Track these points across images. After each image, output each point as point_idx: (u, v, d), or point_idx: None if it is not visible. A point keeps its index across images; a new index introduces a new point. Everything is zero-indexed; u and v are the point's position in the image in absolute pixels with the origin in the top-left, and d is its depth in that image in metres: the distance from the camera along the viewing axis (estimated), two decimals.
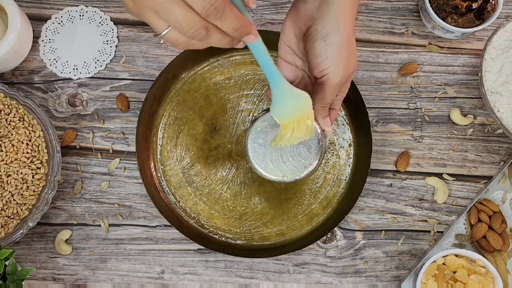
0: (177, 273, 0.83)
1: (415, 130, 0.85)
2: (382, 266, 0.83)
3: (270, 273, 0.83)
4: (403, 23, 0.88)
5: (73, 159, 0.85)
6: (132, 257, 0.83)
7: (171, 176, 0.84)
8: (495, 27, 0.80)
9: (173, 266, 0.83)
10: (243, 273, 0.83)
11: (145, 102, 0.83)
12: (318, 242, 0.83)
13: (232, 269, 0.83)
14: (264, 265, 0.83)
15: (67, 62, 0.86)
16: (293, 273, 0.83)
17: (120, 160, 0.85)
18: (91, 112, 0.86)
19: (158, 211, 0.81)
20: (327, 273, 0.83)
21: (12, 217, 0.80)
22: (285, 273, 0.83)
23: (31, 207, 0.80)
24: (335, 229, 0.84)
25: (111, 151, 0.85)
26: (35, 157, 0.80)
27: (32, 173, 0.80)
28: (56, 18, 0.87)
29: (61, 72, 0.86)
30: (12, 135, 0.80)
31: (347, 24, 0.63)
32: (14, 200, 0.79)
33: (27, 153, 0.80)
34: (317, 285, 0.83)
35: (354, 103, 0.82)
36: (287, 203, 0.83)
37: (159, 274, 0.83)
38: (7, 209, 0.79)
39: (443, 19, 0.82)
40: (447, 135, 0.85)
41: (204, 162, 0.84)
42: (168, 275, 0.83)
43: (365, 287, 0.83)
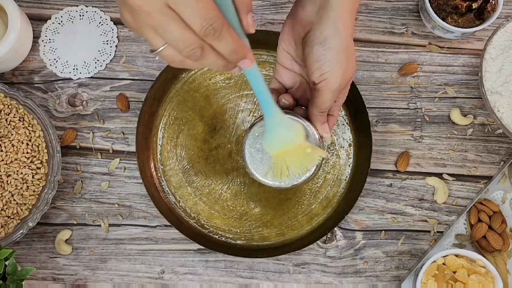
0: (177, 273, 0.83)
1: (415, 130, 0.85)
2: (382, 266, 0.83)
3: (270, 273, 0.83)
4: (403, 23, 0.88)
5: (73, 159, 0.85)
6: (132, 257, 0.83)
7: (171, 176, 0.84)
8: (495, 27, 0.80)
9: (173, 266, 0.83)
10: (243, 273, 0.83)
11: (145, 102, 0.83)
12: (318, 242, 0.83)
13: (232, 269, 0.83)
14: (264, 265, 0.83)
15: (67, 62, 0.86)
16: (293, 273, 0.83)
17: (120, 160, 0.85)
18: (91, 112, 0.86)
19: (158, 211, 0.81)
20: (327, 273, 0.83)
21: (12, 217, 0.80)
22: (285, 273, 0.83)
23: (31, 207, 0.80)
24: (335, 229, 0.84)
25: (111, 151, 0.85)
26: (35, 157, 0.80)
27: (32, 173, 0.80)
28: (56, 18, 0.87)
29: (61, 72, 0.86)
30: (12, 135, 0.80)
31: (346, 28, 0.63)
32: (14, 200, 0.79)
33: (27, 153, 0.80)
34: (317, 285, 0.83)
35: (354, 103, 0.82)
36: (287, 203, 0.83)
37: (159, 274, 0.83)
38: (7, 209, 0.79)
39: (443, 19, 0.82)
40: (447, 135, 0.85)
41: (204, 162, 0.84)
42: (168, 275, 0.83)
43: (365, 287, 0.83)
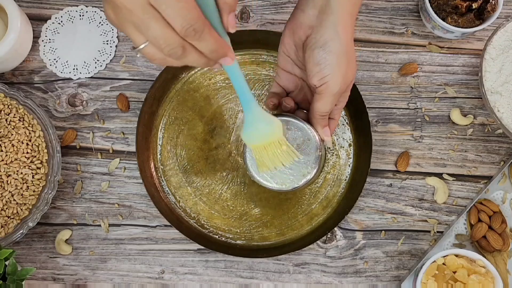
0: (177, 273, 0.83)
1: (415, 130, 0.85)
2: (382, 266, 0.83)
3: (270, 273, 0.83)
4: (403, 23, 0.88)
5: (73, 159, 0.85)
6: (132, 257, 0.83)
7: (171, 176, 0.84)
8: (495, 27, 0.80)
9: (173, 266, 0.83)
10: (243, 273, 0.83)
11: (145, 102, 0.83)
12: (318, 242, 0.83)
13: (232, 269, 0.83)
14: (264, 265, 0.83)
15: (67, 62, 0.86)
16: (293, 273, 0.83)
17: (120, 160, 0.85)
18: (91, 112, 0.86)
19: (158, 211, 0.81)
20: (327, 273, 0.83)
21: (12, 217, 0.80)
22: (285, 273, 0.83)
23: (31, 207, 0.80)
24: (335, 229, 0.84)
25: (111, 151, 0.85)
26: (35, 157, 0.80)
27: (32, 173, 0.80)
28: (56, 18, 0.87)
29: (61, 72, 0.86)
30: (12, 135, 0.80)
31: (346, 32, 0.63)
32: (14, 200, 0.79)
33: (27, 153, 0.80)
34: (317, 285, 0.83)
35: (354, 103, 0.82)
36: (287, 203, 0.83)
37: (159, 274, 0.83)
38: (7, 209, 0.79)
39: (443, 19, 0.82)
40: (447, 135, 0.85)
41: (204, 162, 0.84)
42: (168, 275, 0.83)
43: (365, 287, 0.83)
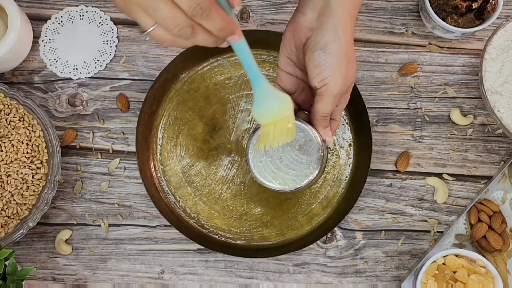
0: (177, 273, 0.83)
1: (415, 130, 0.85)
2: (382, 266, 0.83)
3: (270, 273, 0.83)
4: (403, 23, 0.88)
5: (73, 159, 0.85)
6: (132, 257, 0.83)
7: (171, 176, 0.84)
8: (495, 27, 0.80)
9: (173, 266, 0.83)
10: (243, 273, 0.83)
11: (145, 102, 0.83)
12: (318, 242, 0.83)
13: (232, 269, 0.83)
14: (264, 265, 0.83)
15: (67, 62, 0.86)
16: (293, 273, 0.83)
17: (120, 160, 0.85)
18: (91, 112, 0.86)
19: (158, 211, 0.81)
20: (327, 273, 0.83)
21: (12, 217, 0.80)
22: (285, 273, 0.83)
23: (31, 207, 0.80)
24: (335, 229, 0.84)
25: (111, 151, 0.85)
26: (35, 157, 0.80)
27: (32, 173, 0.80)
28: (56, 18, 0.87)
29: (61, 72, 0.86)
30: (12, 135, 0.80)
31: (346, 34, 0.64)
32: (14, 200, 0.79)
33: (27, 153, 0.80)
34: (317, 285, 0.83)
35: (354, 103, 0.82)
36: (287, 203, 0.83)
37: (159, 274, 0.83)
38: (7, 209, 0.79)
39: (443, 19, 0.82)
40: (447, 135, 0.85)
41: (204, 162, 0.84)
42: (168, 275, 0.83)
43: (365, 287, 0.83)
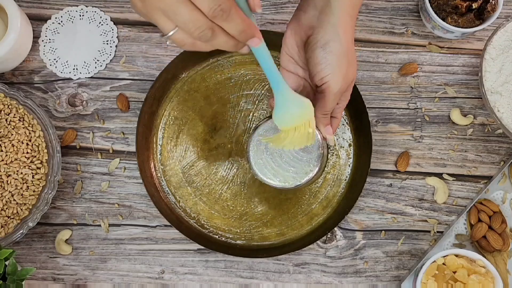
0: (177, 273, 0.83)
1: (415, 130, 0.85)
2: (382, 266, 0.83)
3: (270, 273, 0.83)
4: (403, 23, 0.88)
5: (73, 159, 0.85)
6: (132, 257, 0.83)
7: (171, 176, 0.84)
8: (495, 27, 0.80)
9: (173, 266, 0.83)
10: (243, 273, 0.83)
11: (145, 102, 0.83)
12: (318, 242, 0.83)
13: (232, 269, 0.83)
14: (264, 265, 0.83)
15: (67, 62, 0.86)
16: (293, 273, 0.83)
17: (120, 160, 0.85)
18: (91, 112, 0.86)
19: (158, 211, 0.81)
20: (327, 273, 0.83)
21: (12, 217, 0.80)
22: (285, 273, 0.83)
23: (31, 207, 0.80)
24: (335, 229, 0.84)
25: (111, 151, 0.85)
26: (35, 157, 0.80)
27: (32, 173, 0.80)
28: (56, 18, 0.87)
29: (61, 72, 0.86)
30: (12, 135, 0.80)
31: (347, 33, 0.64)
32: (14, 200, 0.79)
33: (27, 153, 0.80)
34: (317, 285, 0.83)
35: (354, 103, 0.82)
36: (287, 203, 0.83)
37: (159, 274, 0.83)
38: (7, 209, 0.79)
39: (443, 19, 0.82)
40: (447, 135, 0.85)
41: (204, 162, 0.84)
42: (168, 275, 0.83)
43: (365, 287, 0.83)
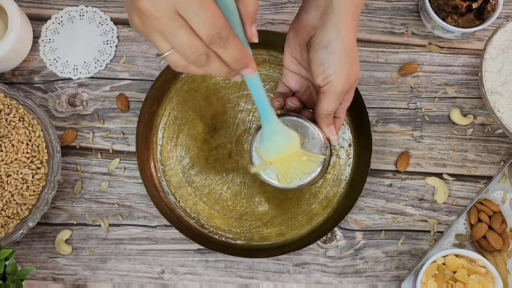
0: (177, 273, 0.83)
1: (415, 130, 0.85)
2: (382, 266, 0.83)
3: (270, 273, 0.83)
4: (403, 23, 0.88)
5: (73, 159, 0.85)
6: (132, 257, 0.83)
7: (171, 176, 0.84)
8: (495, 27, 0.80)
9: (173, 266, 0.83)
10: (243, 273, 0.83)
11: (145, 102, 0.83)
12: (318, 242, 0.83)
13: (232, 269, 0.83)
14: (264, 265, 0.83)
15: (67, 62, 0.86)
16: (293, 273, 0.83)
17: (120, 160, 0.85)
18: (91, 112, 0.86)
19: (158, 211, 0.81)
20: (327, 273, 0.83)
21: (12, 217, 0.80)
22: (285, 273, 0.83)
23: (31, 207, 0.80)
24: (335, 229, 0.84)
25: (111, 151, 0.85)
26: (35, 157, 0.80)
27: (32, 173, 0.80)
28: (56, 18, 0.87)
29: (61, 72, 0.86)
30: (12, 135, 0.80)
31: (349, 33, 0.65)
32: (14, 200, 0.79)
33: (27, 153, 0.80)
34: (317, 285, 0.83)
35: (354, 103, 0.82)
36: (287, 203, 0.83)
37: (159, 274, 0.83)
38: (7, 209, 0.79)
39: (443, 19, 0.82)
40: (447, 135, 0.85)
41: (204, 162, 0.84)
42: (168, 275, 0.83)
43: (365, 287, 0.83)
